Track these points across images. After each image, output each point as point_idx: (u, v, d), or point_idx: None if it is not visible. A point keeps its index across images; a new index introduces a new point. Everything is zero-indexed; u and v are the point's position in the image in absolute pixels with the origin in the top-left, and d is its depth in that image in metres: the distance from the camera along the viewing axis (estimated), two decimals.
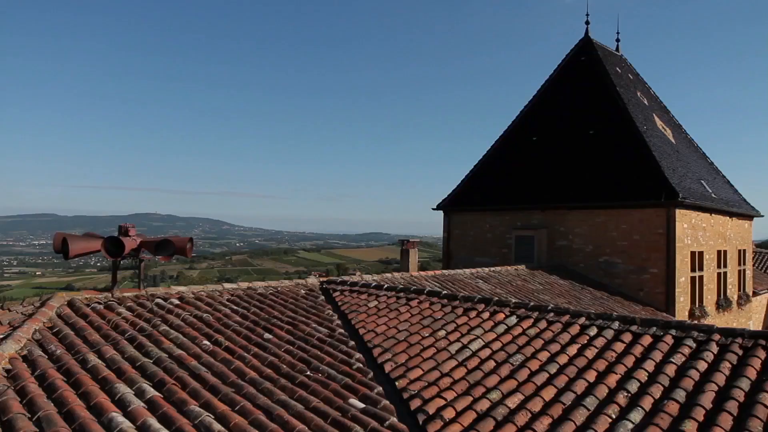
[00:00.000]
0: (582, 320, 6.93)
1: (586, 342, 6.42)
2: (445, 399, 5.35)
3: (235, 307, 7.45)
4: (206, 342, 6.08)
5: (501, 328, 6.94)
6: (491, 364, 6.08)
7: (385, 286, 8.72)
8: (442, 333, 6.88)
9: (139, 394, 4.69)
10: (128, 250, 7.02)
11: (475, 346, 6.48)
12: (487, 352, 6.36)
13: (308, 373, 5.66)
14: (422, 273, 12.76)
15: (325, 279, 9.74)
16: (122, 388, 4.70)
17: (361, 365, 6.01)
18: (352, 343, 6.64)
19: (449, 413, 5.10)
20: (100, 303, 6.91)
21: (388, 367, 6.05)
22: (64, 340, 5.67)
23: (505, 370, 5.89)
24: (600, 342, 6.38)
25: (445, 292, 8.32)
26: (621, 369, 5.72)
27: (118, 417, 4.22)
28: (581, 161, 18.42)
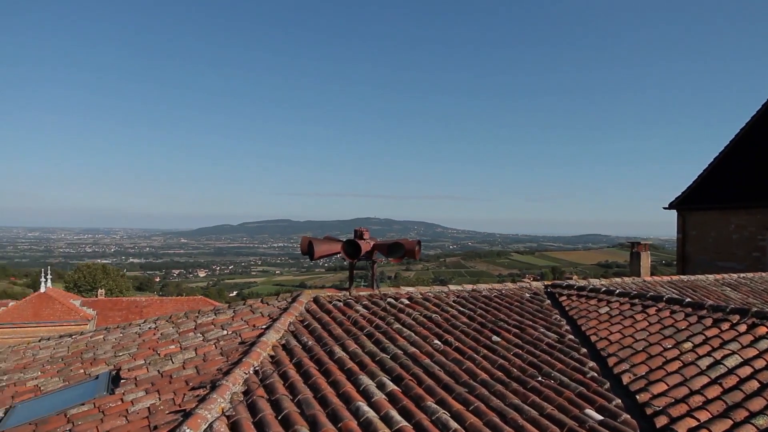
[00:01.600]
0: None
1: None
2: (698, 419, 4.79)
3: (461, 309, 7.58)
4: (437, 341, 6.27)
5: (764, 344, 6.00)
6: (754, 384, 5.29)
7: (617, 291, 8.14)
8: (688, 345, 6.19)
9: (380, 386, 5.01)
10: (364, 252, 7.56)
11: (730, 362, 5.71)
12: (747, 370, 5.55)
13: (539, 378, 5.51)
14: (656, 278, 11.67)
15: (549, 282, 9.43)
16: (365, 380, 5.07)
17: (595, 374, 5.67)
18: (583, 350, 6.31)
19: None
20: (340, 301, 7.57)
21: (626, 379, 5.62)
22: (313, 332, 6.31)
23: None
24: None
25: (688, 299, 7.48)
26: None
27: (364, 406, 4.55)
28: None
